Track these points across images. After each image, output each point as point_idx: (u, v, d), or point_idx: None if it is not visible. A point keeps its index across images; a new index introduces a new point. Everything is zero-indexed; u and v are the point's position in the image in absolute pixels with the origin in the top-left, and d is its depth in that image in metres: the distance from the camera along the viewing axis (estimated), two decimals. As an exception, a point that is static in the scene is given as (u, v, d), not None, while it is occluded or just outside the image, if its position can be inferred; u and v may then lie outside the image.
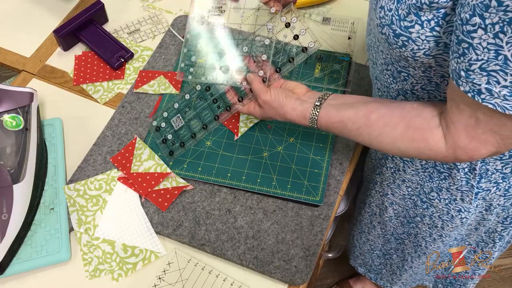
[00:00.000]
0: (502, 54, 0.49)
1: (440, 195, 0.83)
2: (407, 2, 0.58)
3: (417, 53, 0.61)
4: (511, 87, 0.50)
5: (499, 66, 0.49)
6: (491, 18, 0.48)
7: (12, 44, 1.04)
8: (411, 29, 0.59)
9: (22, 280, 0.77)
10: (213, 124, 0.84)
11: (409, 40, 0.60)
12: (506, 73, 0.49)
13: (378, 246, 1.12)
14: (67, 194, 0.83)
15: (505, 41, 0.48)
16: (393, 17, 0.60)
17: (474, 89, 0.52)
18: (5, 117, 0.80)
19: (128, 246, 0.79)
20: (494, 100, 0.51)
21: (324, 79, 0.95)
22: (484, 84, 0.51)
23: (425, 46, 0.59)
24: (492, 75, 0.50)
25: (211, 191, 0.84)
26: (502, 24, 0.47)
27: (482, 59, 0.50)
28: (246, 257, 0.77)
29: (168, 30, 1.04)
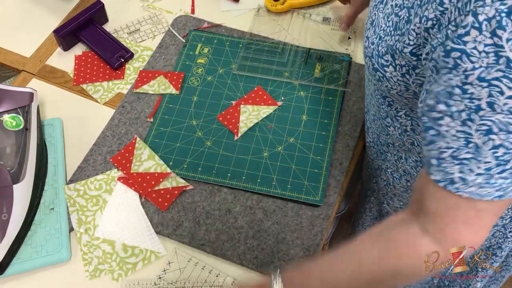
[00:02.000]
0: (472, 141, 0.46)
1: None
2: (387, 42, 0.57)
3: (391, 91, 0.61)
4: (486, 175, 0.47)
5: (471, 154, 0.47)
6: (457, 105, 0.45)
7: (12, 44, 1.04)
8: (386, 68, 0.58)
9: (22, 280, 0.77)
10: None
11: (383, 77, 0.59)
12: (479, 161, 0.47)
13: None
14: (67, 194, 0.83)
15: (474, 128, 0.45)
16: (374, 51, 0.59)
17: (446, 179, 0.49)
18: (5, 117, 0.80)
19: (128, 246, 0.79)
20: (469, 189, 0.48)
21: (324, 79, 0.95)
22: (457, 173, 0.48)
23: (397, 88, 0.59)
24: (465, 164, 0.47)
25: (211, 191, 0.84)
26: (469, 112, 0.45)
27: (452, 147, 0.48)
28: (246, 257, 0.77)
29: (168, 30, 1.04)
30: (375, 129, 0.80)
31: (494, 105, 0.43)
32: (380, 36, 0.58)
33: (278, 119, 0.90)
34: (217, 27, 1.05)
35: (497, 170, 0.47)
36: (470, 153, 0.47)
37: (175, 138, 0.89)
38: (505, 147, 0.45)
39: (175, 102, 0.94)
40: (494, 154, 0.46)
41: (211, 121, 0.91)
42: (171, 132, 0.90)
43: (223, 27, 1.05)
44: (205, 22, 1.05)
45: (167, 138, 0.89)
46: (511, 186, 0.48)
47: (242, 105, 0.92)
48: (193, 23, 1.05)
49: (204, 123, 0.91)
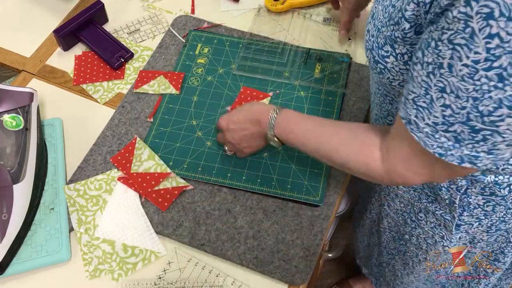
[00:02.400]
0: (429, 94, 0.50)
1: (427, 217, 0.83)
2: (384, 33, 0.59)
3: (393, 83, 0.62)
4: (432, 128, 0.51)
5: (426, 104, 0.51)
6: (427, 56, 0.49)
7: (12, 44, 1.04)
8: (386, 59, 0.60)
9: (22, 280, 0.77)
10: None
11: (385, 69, 0.61)
12: (430, 113, 0.51)
13: (374, 255, 1.12)
14: (67, 194, 0.83)
15: (433, 82, 0.49)
16: (374, 43, 0.61)
17: (406, 118, 0.54)
18: (5, 117, 0.80)
19: (128, 246, 0.79)
20: (419, 133, 0.53)
21: (324, 79, 0.95)
22: (413, 116, 0.53)
23: (399, 77, 0.60)
24: (420, 110, 0.52)
25: (211, 191, 0.84)
26: (434, 66, 0.48)
27: (415, 92, 0.52)
28: (246, 257, 0.77)
29: (168, 30, 1.04)
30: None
31: (452, 67, 0.46)
32: (378, 28, 0.60)
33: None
34: (217, 27, 1.05)
35: (442, 128, 0.51)
36: (425, 103, 0.51)
37: (175, 138, 0.89)
38: (452, 110, 0.49)
39: (175, 102, 0.94)
40: (442, 112, 0.50)
41: (211, 121, 0.91)
42: (171, 132, 0.90)
43: (223, 27, 1.05)
44: (205, 22, 1.05)
45: (167, 138, 0.89)
46: (451, 150, 0.52)
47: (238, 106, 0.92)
48: (193, 23, 1.05)
49: (204, 123, 0.91)
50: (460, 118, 0.49)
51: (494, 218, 0.74)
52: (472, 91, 0.46)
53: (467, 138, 0.50)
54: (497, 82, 0.44)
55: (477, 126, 0.48)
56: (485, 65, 0.44)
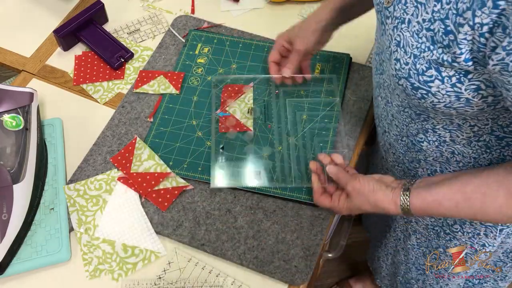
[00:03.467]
0: None
1: (463, 228, 0.80)
2: (426, 58, 0.56)
3: (437, 105, 0.60)
4: None
5: None
6: None
7: (12, 44, 1.04)
8: (430, 83, 0.57)
9: (22, 280, 0.77)
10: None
11: (428, 93, 0.58)
12: None
13: (401, 273, 1.09)
14: (67, 194, 0.83)
15: None
16: (411, 71, 0.59)
17: None
18: (5, 117, 0.80)
19: (128, 246, 0.79)
20: None
21: (324, 79, 0.95)
22: None
23: (446, 99, 0.58)
24: None
25: (211, 191, 0.84)
26: None
27: None
28: (246, 257, 0.77)
29: (168, 30, 1.04)
30: (400, 148, 0.78)
31: None
32: (414, 55, 0.58)
33: (278, 119, 0.90)
34: (217, 27, 1.05)
35: None
36: None
37: (175, 138, 0.89)
38: None
39: (175, 102, 0.94)
40: None
41: (211, 121, 0.91)
42: (171, 132, 0.90)
43: (223, 27, 1.05)
44: (205, 22, 1.05)
45: (167, 138, 0.89)
46: None
47: (227, 107, 0.92)
48: (193, 23, 1.05)
49: (204, 123, 0.91)
50: None
51: None
52: None
53: None
54: None
55: None
56: None
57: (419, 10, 0.56)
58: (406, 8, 0.58)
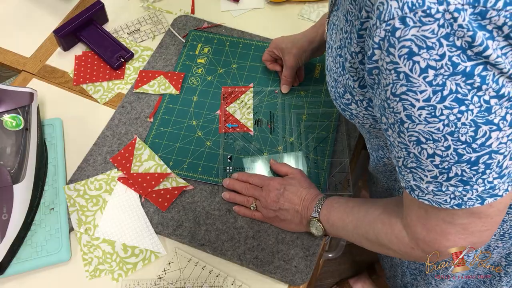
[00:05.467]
0: (411, 151, 0.49)
1: None
2: (342, 82, 0.58)
3: (365, 125, 0.61)
4: (435, 183, 0.49)
5: (415, 163, 0.49)
6: (389, 118, 0.48)
7: (12, 44, 1.04)
8: (349, 106, 0.59)
9: (22, 280, 0.77)
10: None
11: (352, 115, 0.61)
12: (424, 169, 0.49)
13: (399, 276, 1.10)
14: (67, 194, 0.83)
15: (407, 139, 0.48)
16: (335, 93, 0.61)
17: (408, 186, 0.52)
18: (5, 117, 0.80)
19: (128, 246, 0.79)
20: (427, 196, 0.51)
21: (324, 79, 0.95)
22: (412, 181, 0.51)
23: (367, 121, 0.60)
24: (414, 172, 0.50)
25: (211, 191, 0.84)
26: (399, 124, 0.47)
27: (400, 156, 0.51)
28: (246, 257, 0.77)
29: (168, 30, 1.04)
30: (374, 158, 0.80)
31: (411, 117, 0.46)
32: (334, 79, 0.60)
33: (278, 119, 0.90)
34: (217, 27, 1.05)
35: (443, 177, 0.49)
36: (414, 162, 0.50)
37: (175, 138, 0.89)
38: (439, 156, 0.47)
39: (175, 102, 0.94)
40: (432, 163, 0.48)
41: (211, 121, 0.91)
42: (171, 132, 0.90)
43: (223, 27, 1.05)
44: (205, 22, 1.05)
45: (167, 138, 0.89)
46: (467, 195, 0.49)
47: (226, 107, 0.92)
48: (193, 23, 1.05)
49: (204, 123, 0.91)
50: (452, 159, 0.47)
51: (506, 227, 0.73)
52: (444, 128, 0.45)
53: (472, 174, 0.47)
54: (460, 107, 0.43)
55: (472, 157, 0.46)
56: (437, 97, 0.43)
57: (336, 37, 0.59)
58: (332, 34, 0.61)
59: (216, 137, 0.89)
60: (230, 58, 0.99)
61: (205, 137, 0.89)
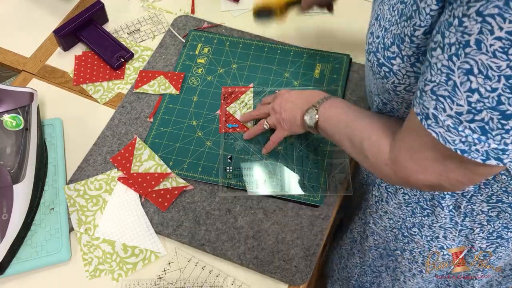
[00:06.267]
0: (452, 79, 0.46)
1: (421, 232, 0.80)
2: (392, 32, 0.56)
3: (398, 87, 0.59)
4: (456, 119, 0.47)
5: (448, 92, 0.47)
6: (450, 37, 0.45)
7: (12, 44, 1.04)
8: (393, 60, 0.57)
9: (22, 280, 0.77)
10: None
11: (390, 72, 0.58)
12: (453, 102, 0.47)
13: (354, 276, 1.08)
14: (67, 194, 0.83)
15: (457, 65, 0.45)
16: (379, 44, 0.58)
17: (423, 112, 0.50)
18: (5, 117, 0.80)
19: (128, 246, 0.79)
20: (438, 129, 0.49)
21: (324, 79, 0.95)
22: (432, 109, 0.49)
23: (406, 81, 0.57)
24: (440, 101, 0.48)
25: (211, 191, 0.84)
26: (458, 47, 0.44)
27: (434, 80, 0.48)
28: (246, 257, 0.77)
29: (168, 30, 1.04)
30: (379, 103, 0.78)
31: (481, 43, 0.42)
32: (385, 28, 0.57)
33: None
34: (217, 27, 1.05)
35: (467, 117, 0.46)
36: (447, 91, 0.47)
37: (175, 138, 0.89)
38: (479, 94, 0.44)
39: (175, 102, 0.94)
40: (468, 98, 0.45)
41: (211, 121, 0.91)
42: (171, 132, 0.90)
43: (223, 27, 1.05)
44: (205, 22, 1.05)
45: (167, 138, 0.89)
46: (477, 145, 0.47)
47: (227, 107, 0.92)
48: (193, 23, 1.05)
49: (204, 123, 0.91)
50: (489, 102, 0.44)
51: (497, 225, 0.73)
52: (505, 68, 0.42)
53: (495, 127, 0.45)
54: None
55: (509, 110, 0.44)
56: None
57: None
58: None
59: (216, 137, 0.89)
60: (230, 58, 0.99)
61: (205, 137, 0.89)
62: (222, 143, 0.88)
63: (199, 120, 0.91)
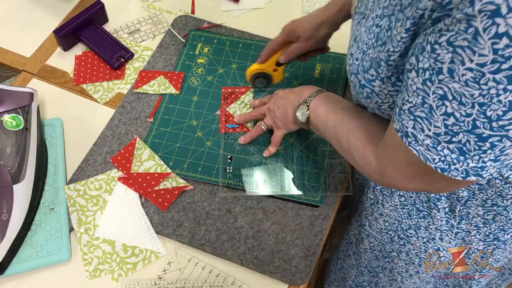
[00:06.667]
0: (427, 103, 0.47)
1: (418, 233, 0.79)
2: (370, 55, 0.56)
3: (382, 106, 0.60)
4: (434, 139, 0.48)
5: (425, 113, 0.47)
6: (423, 62, 0.45)
7: (12, 44, 1.04)
8: (373, 82, 0.57)
9: (22, 280, 0.77)
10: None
11: (372, 92, 0.58)
12: (430, 123, 0.47)
13: (351, 277, 1.08)
14: (67, 194, 0.83)
15: (432, 90, 0.46)
16: (359, 67, 0.58)
17: (403, 130, 0.51)
18: (5, 117, 0.80)
19: (128, 246, 0.79)
20: (418, 146, 0.50)
21: (324, 79, 0.95)
22: (411, 128, 0.50)
23: (389, 100, 0.58)
24: (418, 121, 0.48)
25: (211, 191, 0.84)
26: (432, 72, 0.45)
27: (411, 101, 0.48)
28: (246, 257, 0.77)
29: (168, 30, 1.04)
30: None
31: (453, 72, 0.43)
32: (363, 51, 0.57)
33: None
34: (217, 27, 1.05)
35: (445, 138, 0.47)
36: (424, 113, 0.48)
37: (175, 138, 0.89)
38: (455, 118, 0.45)
39: (175, 102, 0.94)
40: (444, 121, 0.46)
41: (211, 121, 0.91)
42: (171, 132, 0.90)
43: (223, 27, 1.05)
44: (205, 22, 1.05)
45: (167, 138, 0.89)
46: (455, 164, 0.48)
47: (227, 108, 0.92)
48: (193, 23, 1.05)
49: (204, 123, 0.91)
50: (465, 126, 0.45)
51: (494, 227, 0.73)
52: (478, 97, 0.42)
53: (473, 148, 0.46)
54: (508, 85, 0.40)
55: (485, 133, 0.44)
56: (492, 67, 0.40)
57: (375, 5, 0.56)
58: (368, 3, 0.59)
59: (216, 137, 0.89)
60: (230, 58, 0.99)
61: (205, 137, 0.89)
62: (222, 143, 0.88)
63: (199, 120, 0.91)
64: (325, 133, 0.71)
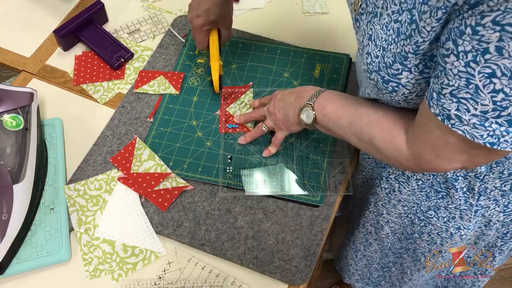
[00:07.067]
0: (473, 83, 0.47)
1: (438, 214, 0.81)
2: (392, 50, 0.56)
3: (409, 96, 0.60)
4: (481, 116, 0.48)
5: (470, 94, 0.48)
6: (464, 45, 0.46)
7: (12, 44, 1.04)
8: (399, 75, 0.57)
9: (22, 280, 0.77)
10: None
11: (399, 85, 0.59)
12: (477, 102, 0.48)
13: (376, 260, 1.11)
14: (67, 194, 0.83)
15: (477, 70, 0.46)
16: (380, 64, 0.59)
17: (444, 113, 0.51)
18: (5, 117, 0.80)
19: (128, 246, 0.79)
20: (463, 126, 0.50)
21: (323, 79, 0.95)
22: (454, 110, 0.50)
23: (417, 88, 0.58)
24: (462, 103, 0.49)
25: (211, 191, 0.84)
26: (476, 54, 0.46)
27: (453, 85, 0.49)
28: (246, 257, 0.77)
29: (168, 30, 1.04)
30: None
31: (502, 50, 0.44)
32: (383, 47, 0.58)
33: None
34: (217, 27, 1.05)
35: (494, 114, 0.48)
36: (469, 94, 0.48)
37: (175, 138, 0.89)
38: (504, 93, 0.46)
39: (175, 102, 0.94)
40: (492, 98, 0.47)
41: (211, 121, 0.91)
42: (171, 132, 0.90)
43: (223, 27, 1.05)
44: (205, 22, 1.05)
45: (167, 138, 0.89)
46: (505, 137, 0.49)
47: (227, 108, 0.92)
48: (193, 23, 1.05)
49: (204, 123, 0.91)
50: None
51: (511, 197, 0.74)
52: None
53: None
54: None
55: None
56: None
57: (387, 3, 0.57)
58: (376, 2, 0.59)
59: (216, 137, 0.89)
60: (230, 58, 0.99)
61: (205, 137, 0.89)
62: (222, 143, 0.88)
63: (199, 120, 0.91)
64: (338, 132, 0.71)
